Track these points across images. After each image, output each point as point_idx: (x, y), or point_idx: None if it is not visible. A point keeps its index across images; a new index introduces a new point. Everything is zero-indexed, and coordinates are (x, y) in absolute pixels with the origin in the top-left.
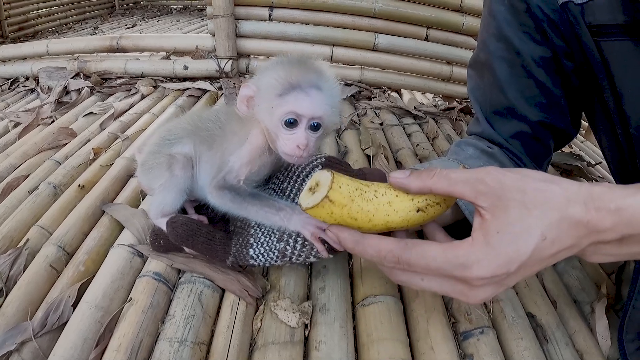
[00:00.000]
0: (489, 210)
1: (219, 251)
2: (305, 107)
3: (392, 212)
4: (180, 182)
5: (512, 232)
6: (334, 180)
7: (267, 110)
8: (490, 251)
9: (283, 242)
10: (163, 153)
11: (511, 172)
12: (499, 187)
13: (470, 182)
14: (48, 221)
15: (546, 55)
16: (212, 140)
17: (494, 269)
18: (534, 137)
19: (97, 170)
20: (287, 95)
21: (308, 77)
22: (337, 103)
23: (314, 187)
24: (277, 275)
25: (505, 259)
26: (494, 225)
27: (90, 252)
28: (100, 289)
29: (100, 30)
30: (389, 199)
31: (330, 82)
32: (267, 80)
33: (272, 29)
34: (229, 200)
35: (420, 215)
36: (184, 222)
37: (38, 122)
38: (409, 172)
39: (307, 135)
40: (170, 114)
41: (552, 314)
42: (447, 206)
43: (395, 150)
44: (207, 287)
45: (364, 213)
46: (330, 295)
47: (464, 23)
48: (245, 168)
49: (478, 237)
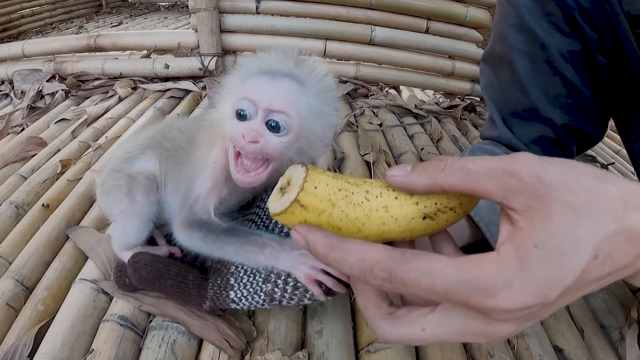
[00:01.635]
0: (524, 214)
1: (192, 295)
2: (262, 93)
3: (389, 219)
4: (142, 210)
5: (557, 247)
6: (308, 178)
7: (226, 100)
8: (524, 273)
9: (270, 284)
10: (123, 172)
11: (553, 162)
12: (538, 182)
13: (497, 175)
14: (7, 248)
15: (575, 49)
16: (179, 154)
17: (528, 298)
18: (557, 142)
19: (63, 186)
20: (249, 79)
21: (283, 64)
22: (325, 105)
23: (285, 186)
24: (265, 316)
25: (545, 285)
26: (530, 236)
27: (51, 287)
28: (59, 336)
29: (85, 29)
30: (385, 202)
31: (316, 79)
32: (240, 68)
33: (259, 22)
34: (200, 240)
35: (428, 223)
36: (147, 261)
37: (8, 130)
38: (410, 167)
39: (262, 130)
40: (149, 118)
41: (580, 346)
42: (463, 212)
43: (397, 154)
44: (182, 335)
45: (350, 221)
46: (329, 340)
47: (467, 14)
48: (211, 196)
49: (507, 253)
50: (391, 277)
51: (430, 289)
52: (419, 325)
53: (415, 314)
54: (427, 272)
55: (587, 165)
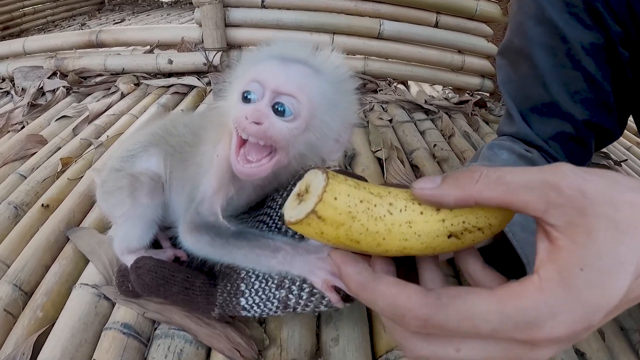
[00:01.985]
0: (565, 231)
1: (200, 302)
2: (270, 75)
3: (412, 236)
4: (146, 212)
5: (601, 268)
6: (328, 187)
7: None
8: (570, 299)
9: (284, 290)
10: (125, 171)
11: (595, 174)
12: (580, 195)
13: (537, 187)
14: (5, 251)
15: (597, 42)
16: (184, 151)
17: (576, 324)
18: (577, 138)
19: (64, 185)
20: (259, 63)
21: (296, 51)
22: (339, 98)
23: (303, 192)
24: (277, 323)
25: (591, 309)
26: (574, 256)
27: (50, 292)
28: (59, 344)
29: (87, 26)
30: (410, 217)
31: (331, 67)
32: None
33: (265, 16)
34: (207, 245)
35: (452, 242)
36: (152, 267)
37: (8, 128)
38: (440, 179)
39: (267, 112)
40: (152, 115)
41: (602, 349)
42: (492, 233)
43: (409, 151)
44: (189, 343)
45: (370, 235)
46: (346, 348)
47: (477, 8)
48: (218, 196)
49: (550, 277)
50: (426, 324)
51: (473, 332)
52: (454, 345)
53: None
54: (467, 316)
55: (628, 177)
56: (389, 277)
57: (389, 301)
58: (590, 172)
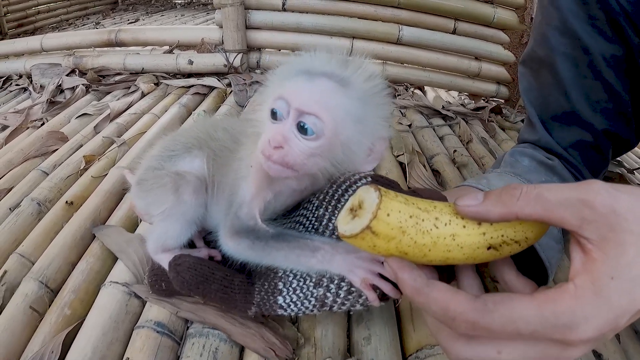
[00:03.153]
0: (598, 245)
1: (238, 300)
2: (294, 93)
3: (454, 247)
4: (189, 211)
5: (630, 278)
6: (382, 205)
7: (265, 102)
8: (601, 304)
9: (322, 288)
10: (167, 170)
11: (625, 192)
12: (611, 213)
13: (573, 204)
14: (29, 248)
15: (618, 54)
16: (225, 156)
17: (604, 326)
18: (595, 146)
19: (88, 182)
20: (288, 79)
21: (325, 64)
22: (369, 114)
23: (356, 208)
24: (310, 322)
25: (619, 313)
26: (606, 267)
27: (78, 290)
28: (89, 343)
29: (101, 25)
30: (454, 230)
31: (362, 80)
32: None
33: (285, 19)
34: (248, 248)
35: (491, 253)
36: (191, 264)
37: (27, 124)
38: (481, 196)
39: (290, 132)
40: (174, 115)
41: (618, 351)
42: (527, 245)
43: (429, 156)
44: (224, 342)
45: (418, 247)
46: (378, 347)
47: (494, 15)
48: (256, 200)
49: (585, 285)
50: (475, 327)
51: (515, 333)
52: (495, 348)
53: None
54: (511, 319)
55: None
56: (441, 283)
57: (442, 305)
58: (620, 189)
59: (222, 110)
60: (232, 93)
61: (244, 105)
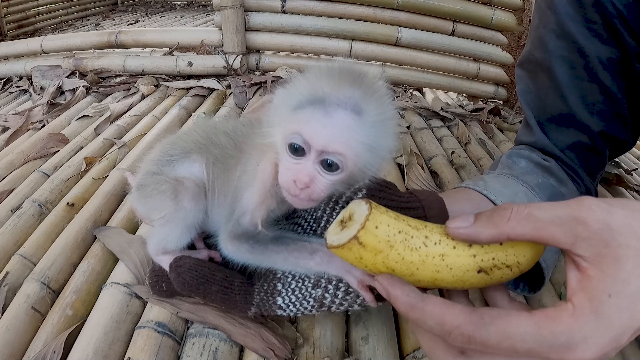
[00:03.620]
0: (593, 262)
1: (238, 301)
2: (315, 132)
3: (443, 268)
4: (188, 216)
5: (629, 294)
6: (370, 217)
7: (277, 126)
8: (601, 324)
9: (320, 289)
10: (166, 175)
11: (618, 206)
12: (605, 228)
13: (565, 222)
14: (31, 249)
15: (614, 57)
16: (226, 161)
17: (605, 346)
18: (592, 148)
19: (89, 184)
20: (301, 110)
21: (341, 91)
22: (383, 135)
23: (346, 220)
24: (309, 322)
25: (620, 331)
26: (603, 284)
27: (80, 290)
28: (91, 343)
29: (101, 27)
30: (443, 250)
31: (376, 104)
32: (292, 88)
33: (285, 21)
34: (247, 252)
35: (482, 277)
36: (192, 266)
37: (27, 126)
38: (472, 218)
39: (315, 171)
40: (174, 116)
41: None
42: (520, 271)
43: (427, 157)
44: (224, 342)
45: (405, 264)
46: (375, 347)
47: (493, 17)
48: (260, 209)
49: (582, 304)
50: (470, 340)
51: (511, 350)
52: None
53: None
54: (507, 335)
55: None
56: (435, 297)
57: (437, 319)
58: (612, 204)
59: (221, 112)
60: (232, 95)
61: (244, 107)
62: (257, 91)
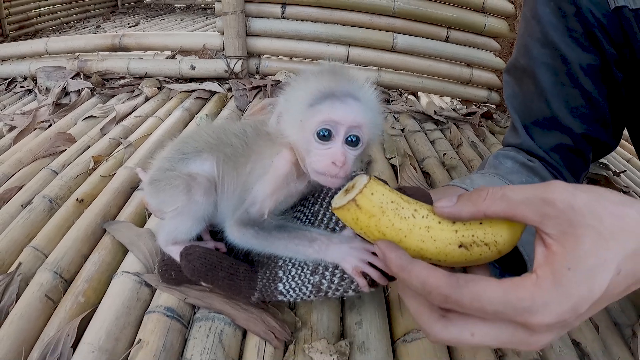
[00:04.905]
0: (557, 239)
1: (242, 287)
2: (342, 114)
3: (428, 238)
4: (200, 209)
5: (586, 268)
6: (369, 185)
7: (296, 124)
8: (560, 293)
9: (318, 275)
10: (179, 171)
11: (583, 191)
12: (569, 209)
13: (534, 203)
14: (43, 241)
15: (594, 64)
16: (237, 159)
17: (563, 312)
18: (575, 149)
19: (97, 181)
20: (319, 105)
21: (342, 85)
22: (378, 115)
23: (350, 189)
24: (307, 308)
25: (577, 300)
26: (564, 259)
27: (91, 279)
28: (103, 327)
29: (102, 29)
30: (429, 223)
31: (368, 92)
32: (296, 91)
33: (284, 27)
34: (252, 237)
35: (462, 252)
36: (201, 254)
37: (34, 126)
38: (455, 198)
39: (345, 150)
40: (177, 118)
41: (596, 340)
42: (497, 251)
43: (420, 159)
44: (228, 325)
45: (395, 231)
46: (368, 331)
47: (486, 24)
48: (269, 200)
49: (545, 275)
50: (447, 300)
51: (481, 310)
52: (469, 330)
53: (467, 319)
54: (477, 297)
55: (612, 192)
56: (422, 261)
57: (421, 280)
58: (579, 188)
59: (223, 114)
60: (233, 98)
61: (244, 109)
62: (257, 94)
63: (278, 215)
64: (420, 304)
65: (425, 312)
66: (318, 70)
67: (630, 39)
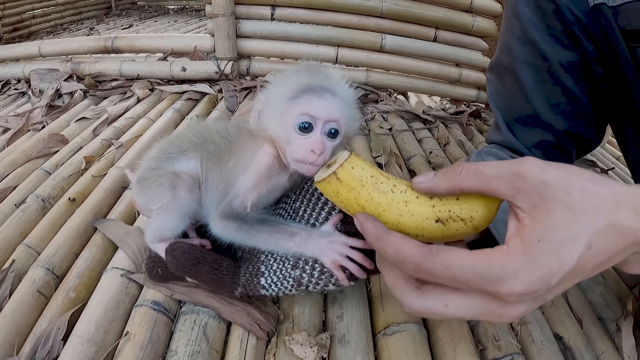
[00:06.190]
0: (529, 212)
1: (226, 282)
2: (319, 109)
3: (406, 213)
4: (184, 206)
5: (556, 240)
6: (349, 159)
7: (277, 117)
8: (529, 262)
9: (298, 269)
10: (164, 170)
11: (555, 167)
12: (541, 184)
13: (507, 177)
14: (35, 239)
15: (574, 60)
16: (220, 156)
17: (533, 283)
18: (558, 146)
19: (89, 181)
20: (299, 98)
21: (319, 81)
22: (353, 109)
23: (332, 163)
24: (290, 302)
25: (547, 272)
26: (534, 231)
27: (82, 275)
28: (92, 320)
29: (96, 30)
30: (407, 198)
31: (344, 87)
32: (276, 88)
33: (274, 28)
34: (234, 230)
35: (439, 227)
36: (185, 249)
37: (28, 127)
38: (432, 174)
39: (324, 140)
40: (168, 119)
41: (579, 334)
42: (473, 227)
43: (406, 157)
44: (213, 318)
45: (374, 204)
46: (349, 324)
47: (473, 24)
48: (252, 193)
49: (515, 246)
50: (419, 269)
51: (452, 279)
52: (443, 301)
53: (441, 291)
54: (448, 265)
55: (584, 170)
56: (397, 233)
57: (395, 249)
58: (551, 164)
59: (213, 115)
60: (223, 99)
61: (234, 110)
62: (247, 95)
63: (260, 210)
64: (396, 275)
65: (400, 282)
66: (297, 68)
67: (608, 35)
